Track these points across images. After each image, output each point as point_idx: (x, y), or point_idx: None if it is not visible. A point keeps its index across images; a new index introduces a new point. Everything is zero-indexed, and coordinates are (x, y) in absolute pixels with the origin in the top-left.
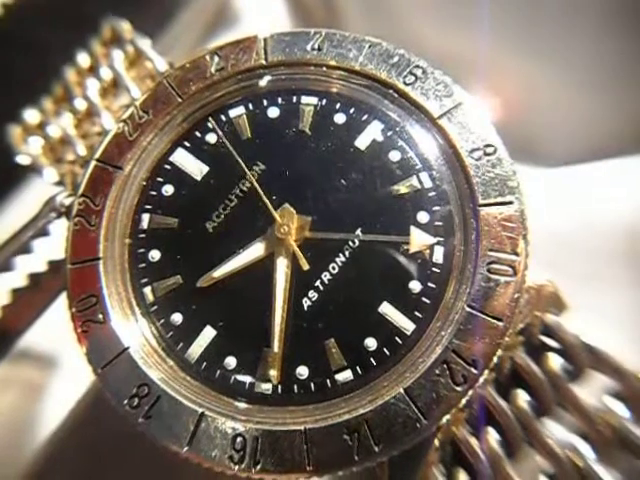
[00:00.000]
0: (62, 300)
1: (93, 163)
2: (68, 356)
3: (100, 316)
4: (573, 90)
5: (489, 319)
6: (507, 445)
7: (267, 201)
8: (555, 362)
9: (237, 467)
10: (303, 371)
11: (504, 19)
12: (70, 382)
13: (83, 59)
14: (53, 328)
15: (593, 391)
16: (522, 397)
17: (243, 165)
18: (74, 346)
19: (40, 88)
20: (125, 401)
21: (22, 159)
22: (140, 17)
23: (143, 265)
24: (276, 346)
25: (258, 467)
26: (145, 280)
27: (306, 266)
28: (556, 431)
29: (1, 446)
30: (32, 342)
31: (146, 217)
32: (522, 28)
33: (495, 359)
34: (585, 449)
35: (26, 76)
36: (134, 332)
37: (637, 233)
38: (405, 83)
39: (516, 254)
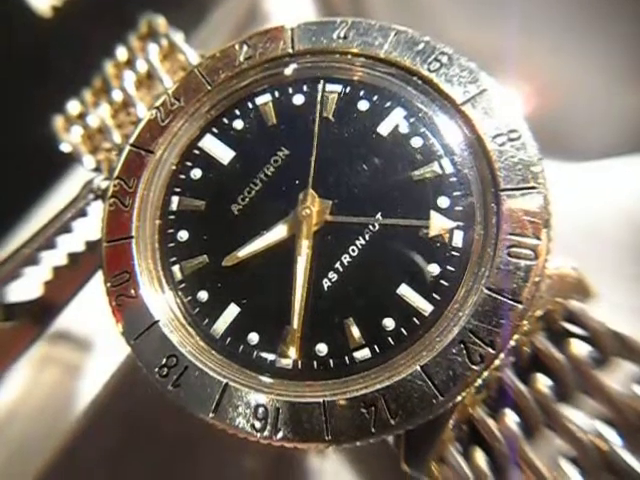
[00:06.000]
0: (95, 287)
1: (128, 148)
2: (101, 338)
3: (132, 291)
4: (602, 84)
5: (508, 301)
6: (525, 427)
7: (312, 170)
8: (578, 348)
9: (259, 434)
10: (322, 348)
11: (533, 12)
12: (103, 361)
13: (121, 53)
14: (87, 312)
15: (619, 378)
16: (542, 381)
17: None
18: (106, 328)
19: (82, 81)
20: (156, 370)
21: (64, 147)
22: (176, 16)
23: (172, 245)
24: (296, 324)
25: (279, 435)
26: (174, 259)
27: (306, 251)
28: (578, 416)
29: (41, 419)
30: (68, 324)
31: (175, 199)
32: (551, 22)
33: (513, 341)
34: (610, 434)
35: (70, 70)
36: (163, 307)
37: None
38: (430, 70)
39: (538, 238)
